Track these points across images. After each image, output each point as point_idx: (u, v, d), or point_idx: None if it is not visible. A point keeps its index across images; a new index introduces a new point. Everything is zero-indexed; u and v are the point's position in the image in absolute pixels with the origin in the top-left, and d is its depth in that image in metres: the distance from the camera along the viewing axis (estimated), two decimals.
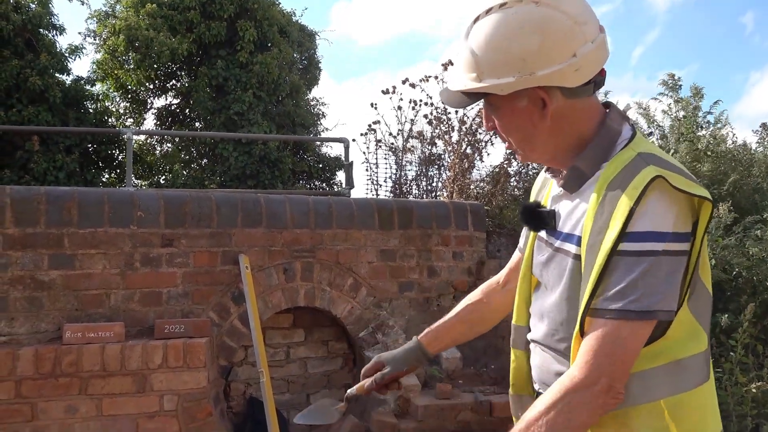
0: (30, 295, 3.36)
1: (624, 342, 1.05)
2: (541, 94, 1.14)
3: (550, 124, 1.17)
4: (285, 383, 4.12)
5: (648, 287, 1.04)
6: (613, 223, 1.07)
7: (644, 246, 1.05)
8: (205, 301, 3.69)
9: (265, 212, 3.90)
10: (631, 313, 1.04)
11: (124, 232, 3.56)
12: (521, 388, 1.40)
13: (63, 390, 3.09)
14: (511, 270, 1.58)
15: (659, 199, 1.06)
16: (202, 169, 11.63)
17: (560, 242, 1.22)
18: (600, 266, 1.06)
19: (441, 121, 6.19)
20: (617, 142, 1.18)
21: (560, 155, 1.23)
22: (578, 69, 1.12)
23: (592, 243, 1.10)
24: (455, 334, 1.61)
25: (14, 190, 3.43)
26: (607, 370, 1.04)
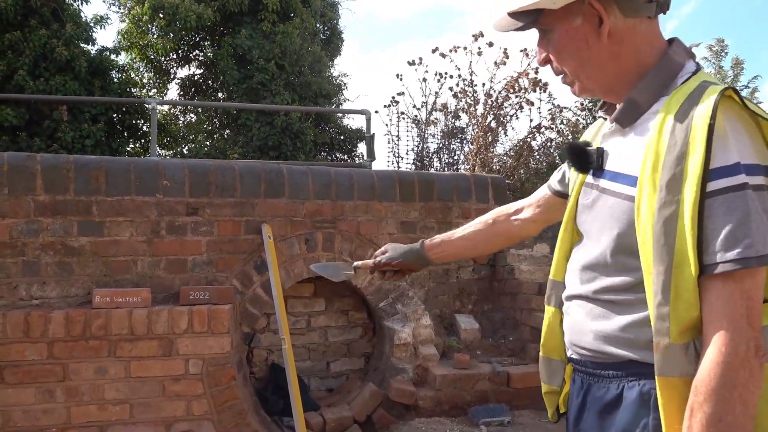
0: (60, 260, 3.47)
1: (752, 294, 0.94)
2: (597, 7, 1.06)
3: (607, 45, 1.08)
4: (306, 351, 4.21)
5: (757, 227, 0.93)
6: (692, 154, 0.96)
7: (736, 180, 0.94)
8: (228, 269, 3.76)
9: (288, 183, 3.94)
10: (752, 260, 0.92)
11: (151, 201, 3.64)
12: (551, 351, 1.33)
13: (93, 352, 3.20)
14: (531, 203, 1.52)
15: (737, 125, 0.97)
16: (225, 140, 11.71)
17: (607, 181, 1.13)
18: (694, 211, 0.94)
19: (466, 93, 6.16)
20: (678, 75, 1.09)
21: (617, 85, 1.13)
22: None
23: (666, 182, 0.98)
24: (457, 248, 1.63)
25: (44, 158, 3.51)
26: (748, 331, 0.92)
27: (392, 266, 1.66)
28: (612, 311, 1.10)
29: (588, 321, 1.15)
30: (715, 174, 0.95)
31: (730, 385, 0.91)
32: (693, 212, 0.95)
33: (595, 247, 1.14)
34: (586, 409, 1.18)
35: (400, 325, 3.97)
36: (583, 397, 1.19)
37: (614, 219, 1.09)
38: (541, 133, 5.93)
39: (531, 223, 1.53)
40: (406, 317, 4.02)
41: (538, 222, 1.52)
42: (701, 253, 0.95)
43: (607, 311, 1.11)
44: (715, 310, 0.95)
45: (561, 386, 1.31)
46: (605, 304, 1.11)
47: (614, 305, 1.10)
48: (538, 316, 4.19)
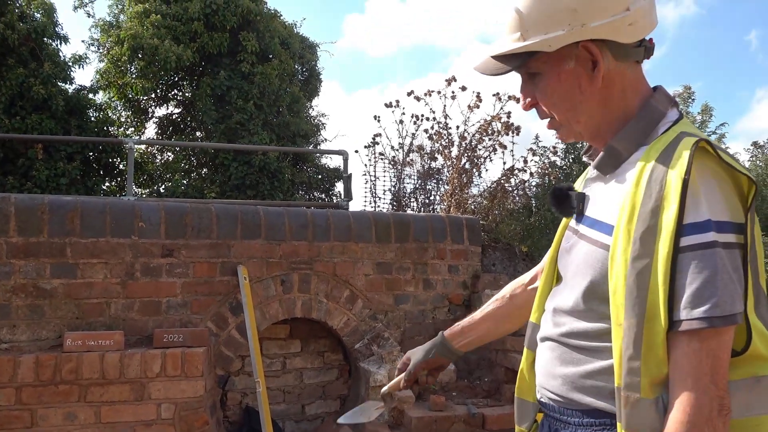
0: (32, 303, 3.42)
1: (717, 353, 0.93)
2: (593, 49, 1.06)
3: (599, 90, 1.08)
4: (281, 393, 4.17)
5: (724, 286, 0.93)
6: (666, 208, 0.96)
7: (706, 237, 0.94)
8: (203, 311, 3.75)
9: (264, 224, 3.96)
10: (717, 320, 0.92)
11: (126, 242, 3.63)
12: (524, 392, 1.32)
13: (62, 397, 3.14)
14: (540, 270, 1.46)
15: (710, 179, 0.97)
16: (202, 179, 11.71)
17: (586, 228, 1.13)
18: (666, 265, 0.94)
19: (441, 135, 6.28)
20: (659, 124, 1.09)
21: (603, 130, 1.12)
22: (632, 24, 1.05)
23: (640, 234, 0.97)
24: (481, 331, 1.53)
25: (18, 199, 3.50)
26: (712, 391, 0.92)
27: (424, 370, 1.54)
28: (580, 357, 1.09)
29: (557, 365, 1.14)
30: (688, 230, 0.95)
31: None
32: (665, 267, 0.94)
33: (569, 291, 1.14)
34: None
35: (376, 367, 3.97)
36: None
37: (588, 265, 1.08)
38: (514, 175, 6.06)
39: None
40: (381, 359, 4.02)
41: None
42: (671, 309, 0.95)
43: (575, 356, 1.10)
44: (680, 367, 0.95)
45: (530, 429, 1.30)
46: (574, 349, 1.10)
47: (583, 351, 1.09)
48: (513, 356, 4.22)
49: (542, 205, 6.25)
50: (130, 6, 11.60)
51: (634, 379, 0.97)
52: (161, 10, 10.91)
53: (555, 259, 1.25)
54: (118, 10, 12.21)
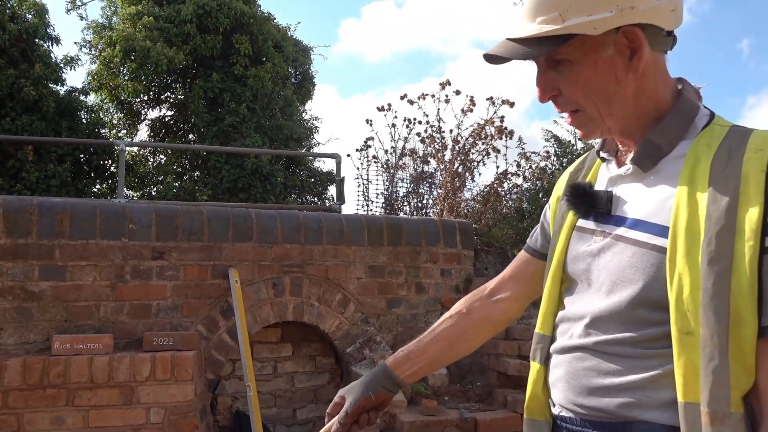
0: (19, 305, 3.38)
1: None
2: (638, 34, 0.96)
3: (634, 80, 1.00)
4: (272, 397, 4.14)
5: None
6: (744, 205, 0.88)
7: None
8: (194, 314, 3.71)
9: (256, 227, 3.94)
10: None
11: (115, 245, 3.59)
12: (535, 412, 1.17)
13: (50, 401, 3.10)
14: (506, 279, 1.33)
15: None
16: (194, 182, 11.66)
17: (626, 229, 1.01)
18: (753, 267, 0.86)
19: (434, 139, 6.28)
20: (696, 118, 1.02)
21: (634, 124, 1.04)
22: (674, 9, 0.98)
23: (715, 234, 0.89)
24: (431, 355, 1.30)
25: (7, 201, 3.46)
26: None
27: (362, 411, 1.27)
28: (622, 366, 0.98)
29: (592, 376, 1.02)
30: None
31: None
32: (753, 268, 0.86)
33: (603, 297, 1.03)
34: None
35: (368, 371, 3.94)
36: None
37: (637, 270, 0.97)
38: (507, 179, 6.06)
39: (514, 303, 1.32)
40: (374, 363, 4.00)
41: (520, 299, 1.32)
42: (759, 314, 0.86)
43: (615, 366, 0.99)
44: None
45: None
46: (614, 358, 1.00)
47: (626, 359, 0.98)
48: (506, 361, 4.21)
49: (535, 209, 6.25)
50: (123, 8, 11.55)
51: (723, 392, 0.86)
52: (154, 12, 10.87)
53: (562, 266, 1.14)
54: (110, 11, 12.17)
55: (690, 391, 0.88)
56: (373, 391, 1.27)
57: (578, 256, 1.09)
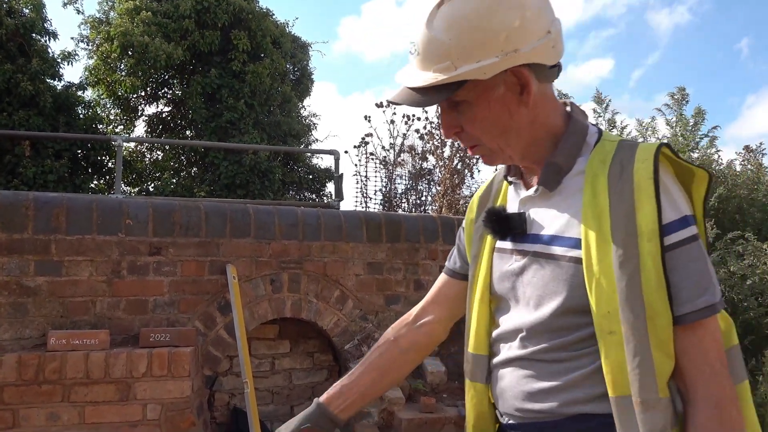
0: (15, 300, 3.35)
1: (717, 336, 1.00)
2: (524, 73, 1.05)
3: (527, 112, 1.08)
4: (269, 394, 4.12)
5: (712, 274, 1.00)
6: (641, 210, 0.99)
7: (690, 231, 1.00)
8: (191, 311, 3.69)
9: (254, 223, 3.91)
10: (718, 305, 0.99)
11: (112, 240, 3.56)
12: (482, 430, 1.24)
13: (45, 397, 3.07)
14: (429, 303, 1.39)
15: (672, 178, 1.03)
16: (192, 178, 11.62)
17: (542, 246, 1.10)
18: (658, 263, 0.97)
19: (433, 136, 6.26)
20: (587, 136, 1.12)
21: (532, 151, 1.12)
22: (554, 45, 1.06)
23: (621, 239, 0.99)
24: (363, 387, 1.32)
25: (2, 195, 3.43)
26: (723, 369, 0.98)
27: None
28: (558, 369, 1.07)
29: (531, 382, 1.10)
30: (670, 228, 0.99)
31: (729, 425, 0.96)
32: (657, 266, 0.97)
33: (532, 311, 1.11)
34: None
35: None
36: None
37: (559, 282, 1.06)
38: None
39: (438, 325, 1.37)
40: None
41: (444, 320, 1.37)
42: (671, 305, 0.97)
43: (552, 370, 1.08)
44: (694, 358, 0.98)
45: None
46: (550, 364, 1.08)
47: (560, 363, 1.07)
48: None
49: None
50: (121, 3, 11.50)
51: (650, 381, 0.96)
52: (152, 8, 10.83)
53: (488, 287, 1.21)
54: (108, 6, 12.11)
55: (619, 386, 0.98)
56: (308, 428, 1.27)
57: (502, 275, 1.17)
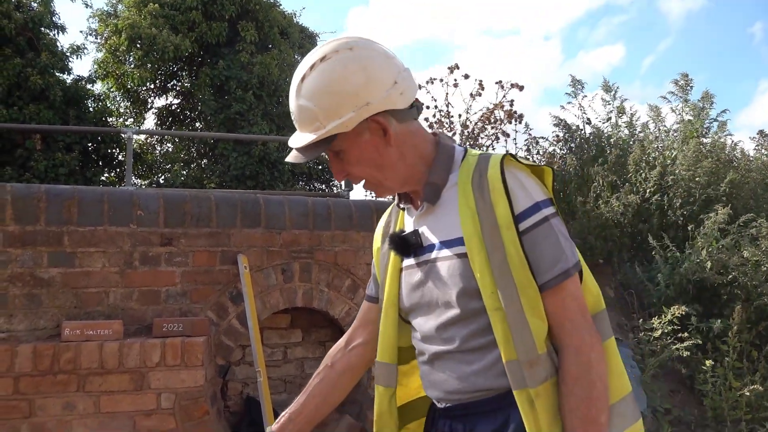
0: (29, 292, 3.38)
1: (576, 293, 1.23)
2: (380, 120, 1.26)
3: (394, 148, 1.29)
4: (282, 383, 4.14)
5: (564, 244, 1.24)
6: (497, 206, 1.23)
7: (541, 215, 1.23)
8: (203, 301, 3.70)
9: (264, 213, 3.91)
10: (571, 270, 1.22)
11: (124, 231, 3.58)
12: (383, 426, 1.44)
13: (61, 387, 3.10)
14: (357, 328, 1.58)
15: (520, 176, 1.26)
16: (202, 170, 11.64)
17: (437, 251, 1.31)
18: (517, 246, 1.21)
19: (443, 124, 6.22)
20: (455, 155, 1.35)
21: (410, 178, 1.34)
22: (402, 92, 1.28)
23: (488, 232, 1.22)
24: (309, 412, 1.50)
25: (15, 188, 3.45)
26: (584, 322, 1.21)
27: None
28: (480, 354, 1.26)
29: (463, 368, 1.28)
30: (523, 215, 1.22)
31: (588, 367, 1.17)
32: (517, 249, 1.21)
33: (442, 310, 1.30)
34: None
35: None
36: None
37: (455, 276, 1.26)
38: None
39: (368, 346, 1.54)
40: None
41: (371, 342, 1.52)
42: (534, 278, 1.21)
43: (476, 355, 1.27)
44: (558, 316, 1.21)
45: None
46: (473, 351, 1.27)
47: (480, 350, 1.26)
48: None
49: None
50: None
51: (530, 342, 1.19)
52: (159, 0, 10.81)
53: (395, 303, 1.41)
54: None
55: (508, 352, 1.20)
56: None
57: (412, 288, 1.37)
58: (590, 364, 1.17)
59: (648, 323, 4.53)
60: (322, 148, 1.28)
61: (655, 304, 4.84)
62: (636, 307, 4.98)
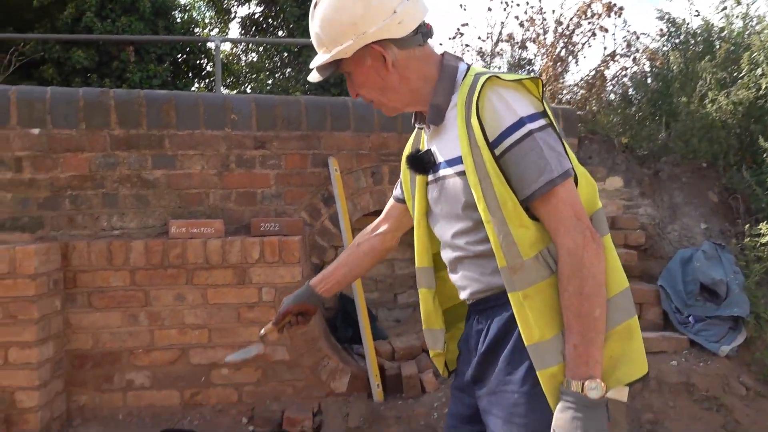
0: (137, 192, 3.58)
1: (568, 198, 1.29)
2: (378, 49, 1.38)
3: (395, 73, 1.41)
4: (373, 282, 4.27)
5: (549, 155, 1.29)
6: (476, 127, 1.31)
7: (523, 131, 1.30)
8: (296, 202, 3.81)
9: (353, 116, 3.90)
10: (556, 179, 1.28)
11: (219, 135, 3.68)
12: (431, 323, 1.62)
13: (171, 280, 3.33)
14: (383, 219, 1.82)
15: (506, 94, 1.32)
16: (287, 79, 11.71)
17: (443, 170, 1.44)
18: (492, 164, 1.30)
19: (534, 22, 5.87)
20: (457, 76, 1.42)
21: (415, 99, 1.46)
22: (401, 22, 1.37)
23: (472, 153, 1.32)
24: (338, 277, 1.81)
25: (117, 93, 3.59)
26: (578, 224, 1.28)
27: (290, 314, 1.79)
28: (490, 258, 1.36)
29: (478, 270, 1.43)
30: (502, 136, 1.30)
31: (580, 266, 1.25)
32: (493, 166, 1.30)
33: (455, 220, 1.43)
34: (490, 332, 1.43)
35: None
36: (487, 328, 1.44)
37: (459, 193, 1.38)
38: (615, 61, 5.61)
39: (389, 235, 1.81)
40: None
41: (393, 231, 1.80)
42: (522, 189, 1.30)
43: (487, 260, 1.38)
44: (550, 222, 1.30)
45: (443, 348, 1.62)
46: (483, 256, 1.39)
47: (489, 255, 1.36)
48: None
49: (644, 96, 5.80)
50: None
51: (513, 249, 1.31)
52: None
53: (425, 214, 1.56)
54: None
55: (499, 259, 1.32)
56: (298, 301, 1.79)
57: (432, 202, 1.52)
58: (582, 263, 1.25)
59: (755, 229, 4.28)
60: (330, 69, 1.45)
61: (763, 209, 4.55)
62: (742, 213, 4.70)
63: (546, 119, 1.33)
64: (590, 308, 1.24)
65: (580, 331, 1.25)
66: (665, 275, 4.03)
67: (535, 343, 1.30)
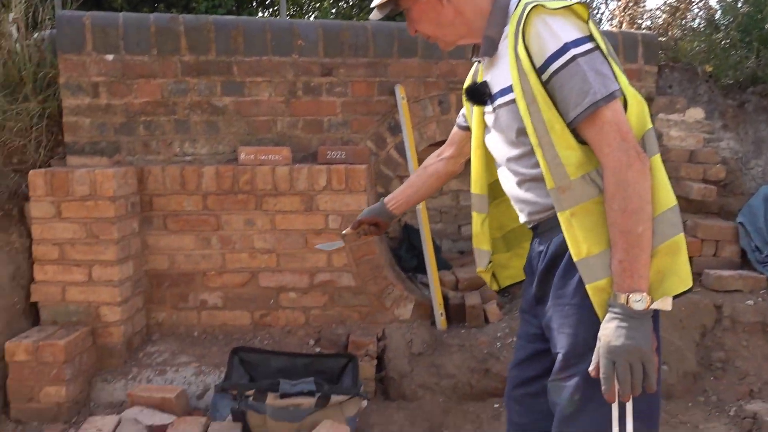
0: (207, 119, 3.64)
1: (614, 119, 1.32)
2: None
3: (450, 8, 1.50)
4: (438, 214, 4.25)
5: (594, 79, 1.32)
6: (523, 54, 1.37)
7: (566, 56, 1.34)
8: (362, 131, 3.78)
9: (421, 42, 3.79)
10: (600, 102, 1.31)
11: (286, 61, 3.66)
12: (480, 242, 1.79)
13: (241, 205, 3.41)
14: (447, 145, 1.95)
15: (550, 20, 1.35)
16: (351, 6, 11.47)
17: (498, 100, 1.51)
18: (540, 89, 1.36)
19: None
20: (509, 7, 1.48)
21: (470, 32, 1.54)
22: None
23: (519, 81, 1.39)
24: (407, 196, 1.98)
25: (186, 19, 3.60)
26: (623, 144, 1.30)
27: (365, 223, 2.01)
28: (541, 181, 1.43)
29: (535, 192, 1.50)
30: (547, 62, 1.35)
31: (624, 184, 1.29)
32: (541, 91, 1.36)
33: (510, 147, 1.52)
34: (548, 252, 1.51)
35: None
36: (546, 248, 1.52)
37: (511, 119, 1.46)
38: None
39: (452, 160, 1.94)
40: None
41: (456, 157, 1.93)
42: (568, 112, 1.35)
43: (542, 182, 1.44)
44: (596, 143, 1.34)
45: (487, 267, 1.79)
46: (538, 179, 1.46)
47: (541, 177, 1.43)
48: (687, 185, 3.91)
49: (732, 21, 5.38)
50: None
51: (561, 171, 1.37)
52: None
53: (482, 142, 1.68)
54: None
55: (548, 180, 1.39)
56: (371, 214, 2.01)
57: (488, 131, 1.62)
58: (627, 182, 1.29)
59: None
60: (391, 6, 1.54)
61: None
62: None
63: (592, 42, 1.36)
64: (634, 225, 1.29)
65: (624, 247, 1.30)
66: (746, 212, 3.84)
67: (584, 258, 1.37)
